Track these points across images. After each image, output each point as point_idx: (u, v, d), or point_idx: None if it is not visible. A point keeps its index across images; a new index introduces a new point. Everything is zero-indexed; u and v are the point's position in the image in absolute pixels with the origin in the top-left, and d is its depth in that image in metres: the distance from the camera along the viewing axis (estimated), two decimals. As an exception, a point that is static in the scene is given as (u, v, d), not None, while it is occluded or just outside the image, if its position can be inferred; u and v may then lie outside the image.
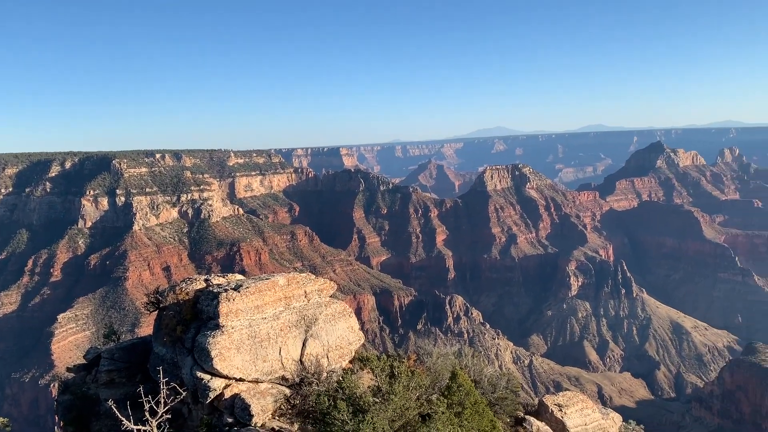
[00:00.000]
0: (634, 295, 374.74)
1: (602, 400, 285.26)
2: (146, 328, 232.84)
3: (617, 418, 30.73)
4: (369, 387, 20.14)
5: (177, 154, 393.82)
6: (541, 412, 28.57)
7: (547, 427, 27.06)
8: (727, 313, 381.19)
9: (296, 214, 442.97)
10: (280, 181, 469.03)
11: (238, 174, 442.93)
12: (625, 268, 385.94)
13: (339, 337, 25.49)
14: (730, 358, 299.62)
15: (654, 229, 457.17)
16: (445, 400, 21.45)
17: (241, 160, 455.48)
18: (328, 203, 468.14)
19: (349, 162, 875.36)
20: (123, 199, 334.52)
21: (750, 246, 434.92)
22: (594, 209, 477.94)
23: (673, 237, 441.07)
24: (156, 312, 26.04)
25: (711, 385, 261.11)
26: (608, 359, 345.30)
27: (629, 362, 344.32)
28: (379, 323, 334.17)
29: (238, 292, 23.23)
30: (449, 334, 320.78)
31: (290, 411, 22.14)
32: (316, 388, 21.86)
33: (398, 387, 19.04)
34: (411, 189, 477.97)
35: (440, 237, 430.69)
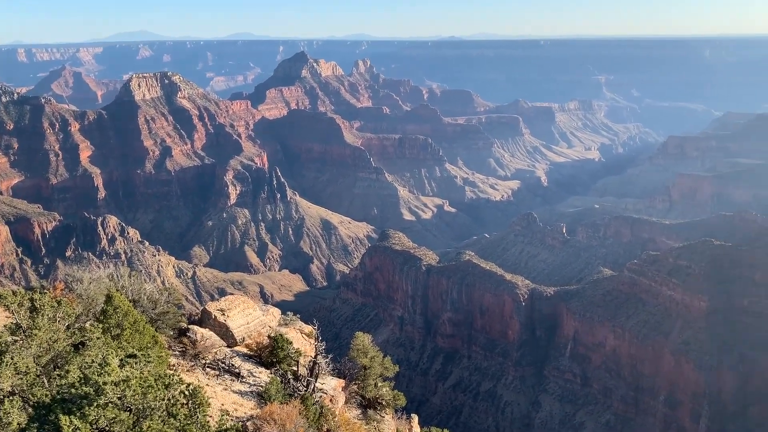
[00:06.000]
0: (289, 198, 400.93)
1: (264, 298, 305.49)
2: None
3: (276, 312, 33.24)
4: (6, 326, 17.89)
5: None
6: (204, 319, 29.25)
7: (211, 332, 27.89)
8: (365, 207, 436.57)
9: None
10: None
11: None
12: (279, 174, 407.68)
13: (-41, 276, 21.73)
14: (369, 245, 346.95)
15: (303, 135, 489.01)
16: (101, 325, 20.46)
17: None
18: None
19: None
20: None
21: (381, 148, 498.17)
22: (247, 118, 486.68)
23: (320, 142, 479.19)
24: None
25: (355, 271, 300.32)
26: (268, 260, 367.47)
27: (287, 260, 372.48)
28: (17, 255, 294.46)
29: None
30: (105, 257, 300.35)
31: None
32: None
33: (42, 321, 17.33)
34: (43, 100, 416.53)
35: (85, 153, 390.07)
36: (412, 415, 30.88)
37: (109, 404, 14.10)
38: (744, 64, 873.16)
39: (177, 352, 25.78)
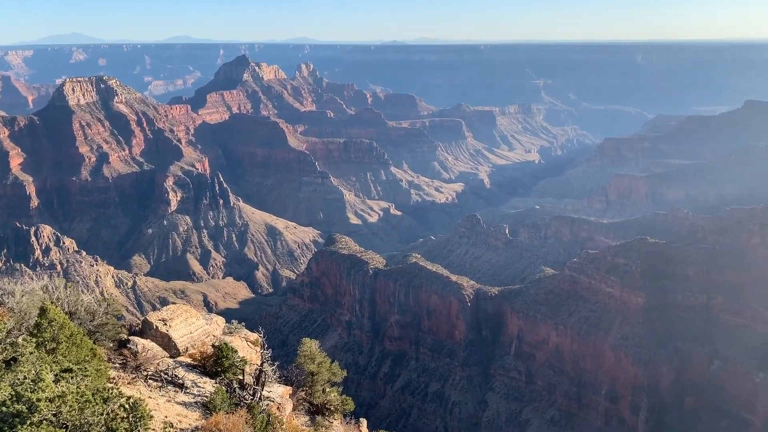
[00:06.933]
0: (232, 204, 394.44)
1: (208, 306, 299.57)
2: None
3: (220, 320, 32.54)
4: (-71, 344, 16.92)
5: None
6: (145, 330, 28.40)
7: (152, 343, 27.10)
8: (311, 211, 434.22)
9: None
10: None
11: None
12: (222, 179, 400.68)
13: None
14: (315, 250, 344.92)
15: (245, 140, 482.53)
16: (35, 339, 19.60)
17: None
18: None
19: None
20: None
21: (326, 152, 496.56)
22: (187, 123, 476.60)
23: (263, 147, 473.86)
24: None
25: (302, 276, 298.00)
26: (211, 268, 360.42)
27: (231, 267, 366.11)
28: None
29: None
30: (39, 269, 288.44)
31: None
32: None
33: (-31, 336, 16.49)
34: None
35: (15, 161, 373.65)
36: (361, 419, 30.81)
37: (44, 421, 13.55)
38: (673, 68, 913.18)
39: (117, 365, 24.94)
